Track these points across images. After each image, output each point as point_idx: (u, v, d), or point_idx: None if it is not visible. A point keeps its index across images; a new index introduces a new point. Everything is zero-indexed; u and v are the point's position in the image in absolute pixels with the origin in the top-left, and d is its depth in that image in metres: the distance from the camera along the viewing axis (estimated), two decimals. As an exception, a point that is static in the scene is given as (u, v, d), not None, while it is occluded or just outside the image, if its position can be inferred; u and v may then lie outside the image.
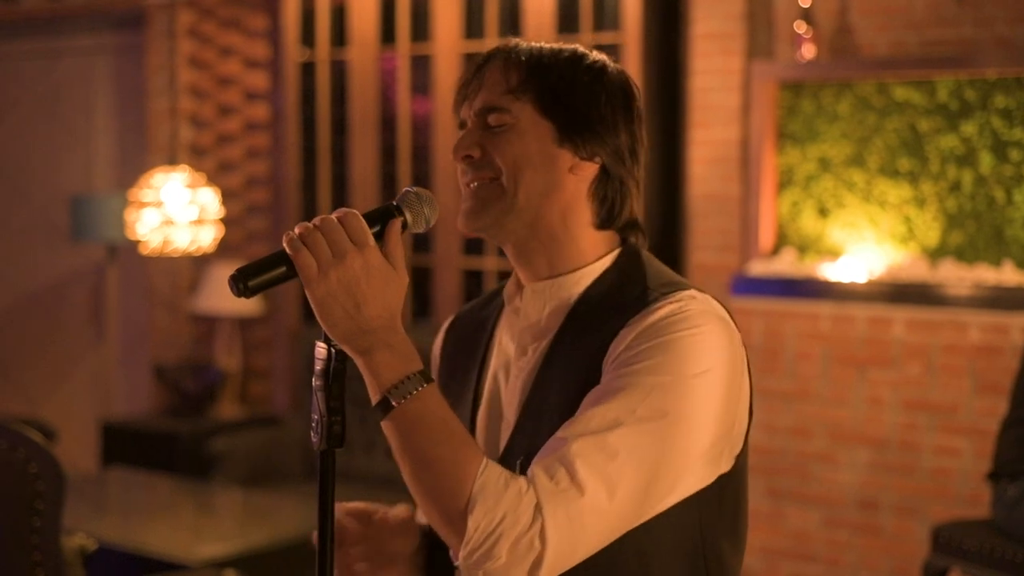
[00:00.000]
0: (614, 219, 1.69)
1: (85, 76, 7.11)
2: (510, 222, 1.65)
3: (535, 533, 1.42)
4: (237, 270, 1.46)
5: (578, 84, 1.65)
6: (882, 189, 4.95)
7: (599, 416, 1.49)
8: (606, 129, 1.65)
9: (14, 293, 7.38)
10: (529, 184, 1.63)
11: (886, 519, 4.86)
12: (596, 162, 1.65)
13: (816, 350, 4.96)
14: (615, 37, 5.26)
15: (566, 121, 1.64)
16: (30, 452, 3.36)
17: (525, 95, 1.64)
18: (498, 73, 1.66)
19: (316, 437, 1.50)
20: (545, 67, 1.65)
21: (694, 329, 1.55)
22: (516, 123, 1.64)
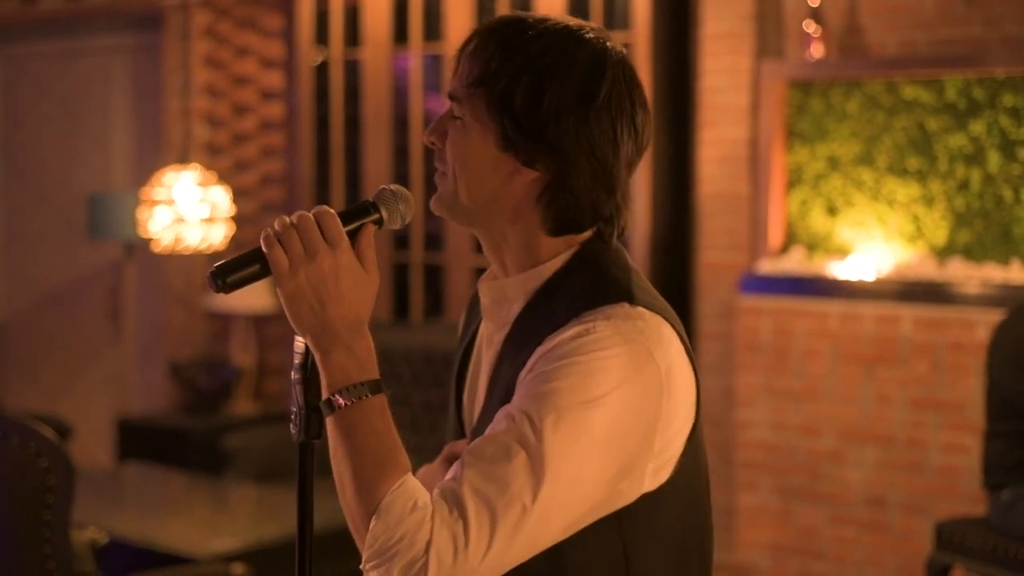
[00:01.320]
0: (568, 226, 1.60)
1: (103, 76, 7.17)
2: (458, 217, 1.64)
3: (424, 563, 1.40)
4: (216, 266, 1.50)
5: (529, 84, 1.55)
6: (891, 188, 4.96)
7: (496, 444, 1.46)
8: (555, 137, 1.55)
9: (34, 291, 7.45)
10: (471, 185, 1.59)
11: (893, 516, 4.88)
12: (537, 170, 1.57)
13: (824, 348, 4.98)
14: (625, 36, 5.29)
15: (509, 126, 1.55)
16: (41, 447, 3.41)
17: (479, 90, 1.57)
18: (469, 59, 1.59)
19: (295, 429, 1.53)
20: (504, 60, 1.56)
21: (595, 353, 1.48)
22: (466, 120, 1.58)
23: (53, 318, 7.37)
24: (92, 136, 7.21)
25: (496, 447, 1.45)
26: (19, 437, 3.40)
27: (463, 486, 1.43)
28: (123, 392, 6.67)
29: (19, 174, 7.51)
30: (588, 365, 1.47)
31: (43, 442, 3.41)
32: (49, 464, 3.43)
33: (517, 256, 1.62)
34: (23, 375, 7.47)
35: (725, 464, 5.23)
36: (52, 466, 3.43)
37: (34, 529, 3.45)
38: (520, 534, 1.44)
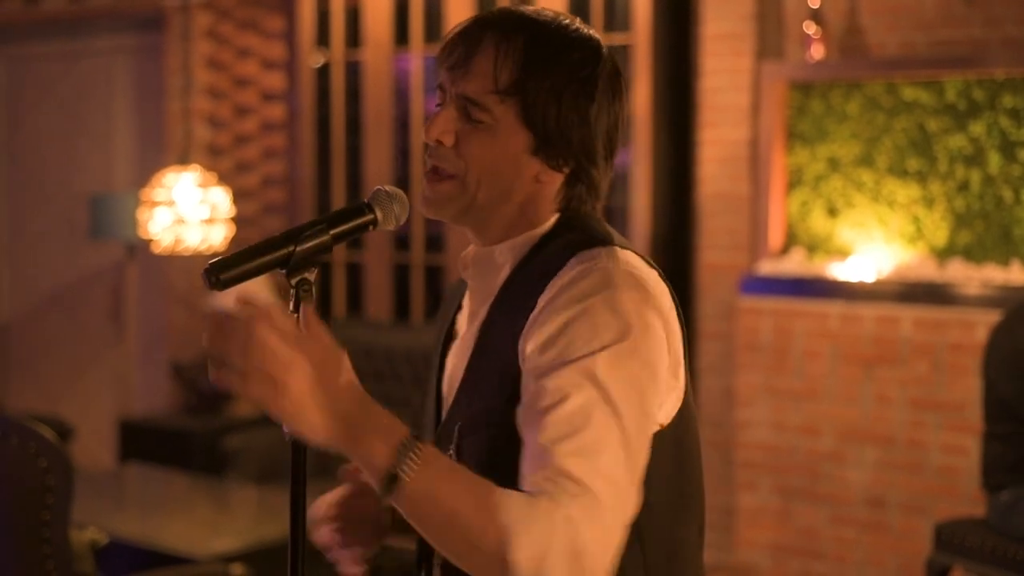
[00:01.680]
0: (576, 208, 1.67)
1: (105, 77, 7.19)
2: (467, 218, 1.67)
3: (576, 543, 1.39)
4: (211, 263, 1.51)
5: (567, 96, 1.60)
6: (891, 189, 4.97)
7: (563, 419, 1.46)
8: (585, 138, 1.61)
9: (35, 292, 7.46)
10: (492, 188, 1.62)
11: (893, 517, 4.88)
12: (563, 172, 1.64)
13: (824, 349, 4.98)
14: (625, 38, 5.29)
15: (546, 134, 1.60)
16: (40, 447, 3.42)
17: (510, 99, 1.59)
18: (489, 64, 1.59)
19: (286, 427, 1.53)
20: (538, 72, 1.59)
21: (608, 290, 1.52)
22: (495, 125, 1.60)
23: (55, 319, 7.38)
24: (94, 137, 7.22)
25: (566, 423, 1.45)
26: (18, 437, 3.41)
27: (565, 461, 1.42)
28: (125, 393, 6.67)
29: (21, 174, 7.53)
30: (607, 303, 1.51)
31: (42, 442, 3.42)
32: (48, 464, 3.43)
33: (513, 229, 1.67)
34: (25, 375, 7.48)
35: (725, 464, 5.23)
36: (51, 466, 3.44)
37: (33, 529, 3.45)
38: (630, 477, 1.46)
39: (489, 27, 1.62)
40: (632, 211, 5.32)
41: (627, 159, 5.36)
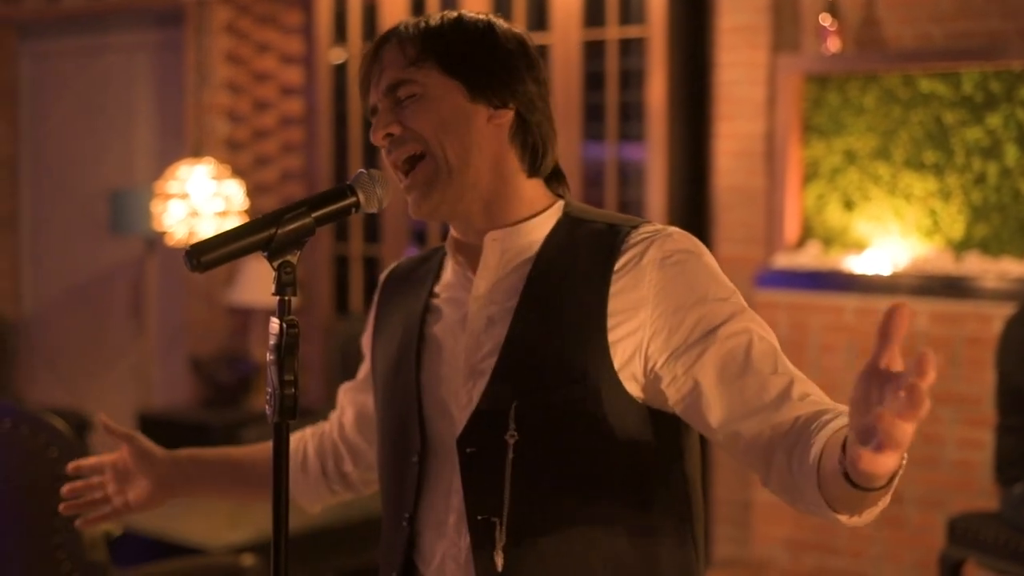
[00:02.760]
0: (540, 163, 1.73)
1: (126, 72, 7.22)
2: (455, 190, 1.69)
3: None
4: (191, 245, 1.51)
5: (473, 40, 1.69)
6: (907, 182, 4.94)
7: (779, 377, 1.63)
8: (511, 77, 1.69)
9: (57, 286, 7.50)
10: (455, 145, 1.67)
11: (910, 511, 4.85)
12: (511, 108, 1.69)
13: (841, 342, 4.96)
14: (641, 31, 5.28)
15: (472, 76, 1.68)
16: (50, 437, 3.43)
17: (426, 62, 1.68)
18: (395, 51, 1.70)
19: (270, 410, 1.54)
20: (437, 34, 1.69)
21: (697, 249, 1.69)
22: (425, 91, 1.68)
23: (76, 313, 7.42)
24: (115, 132, 7.25)
25: (766, 352, 1.66)
26: (29, 427, 3.43)
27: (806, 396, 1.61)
28: (145, 386, 6.70)
29: (44, 170, 7.57)
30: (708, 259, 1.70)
31: (52, 432, 3.43)
32: (59, 454, 3.45)
33: (507, 206, 1.72)
34: (47, 369, 7.52)
35: (741, 459, 5.21)
36: (62, 456, 3.45)
37: (44, 519, 3.47)
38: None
39: (388, 35, 1.74)
40: (647, 204, 5.31)
41: (642, 152, 5.35)
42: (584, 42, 5.40)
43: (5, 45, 7.52)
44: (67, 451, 3.45)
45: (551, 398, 1.61)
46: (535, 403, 1.62)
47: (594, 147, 5.48)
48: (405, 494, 1.75)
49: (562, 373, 1.61)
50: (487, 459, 1.64)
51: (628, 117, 5.39)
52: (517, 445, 1.62)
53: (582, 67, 5.40)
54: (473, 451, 1.65)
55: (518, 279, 1.69)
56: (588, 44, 5.41)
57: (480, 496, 1.65)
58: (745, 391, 1.58)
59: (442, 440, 1.71)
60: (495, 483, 1.63)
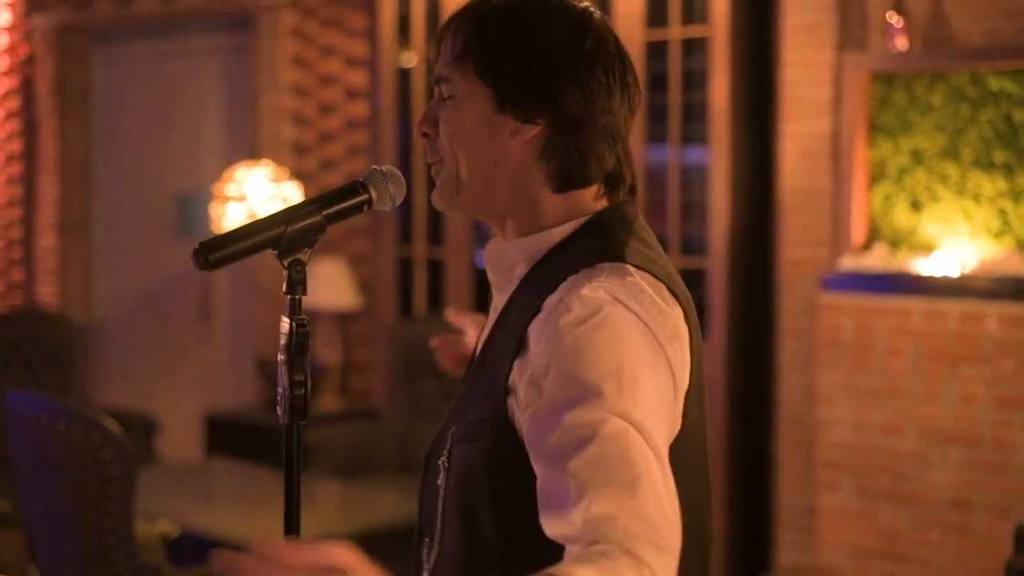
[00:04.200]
0: (573, 180, 1.57)
1: (195, 77, 7.28)
2: (463, 200, 1.62)
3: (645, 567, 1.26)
4: (200, 244, 1.50)
5: (515, 42, 1.55)
6: (976, 182, 4.83)
7: (586, 461, 1.34)
8: (550, 86, 1.54)
9: (128, 289, 7.58)
10: (469, 159, 1.58)
11: (978, 519, 4.75)
12: (538, 124, 1.55)
13: (907, 346, 4.86)
14: (704, 30, 5.22)
15: (503, 85, 1.55)
16: (103, 438, 3.46)
17: (466, 61, 1.57)
18: (450, 39, 1.59)
19: (281, 411, 1.52)
20: (484, 26, 1.56)
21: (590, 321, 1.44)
22: (457, 94, 1.58)
23: (146, 316, 7.50)
24: (184, 135, 7.32)
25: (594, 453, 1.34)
26: (82, 428, 3.46)
27: (600, 509, 1.29)
28: (213, 388, 6.75)
29: (115, 174, 7.66)
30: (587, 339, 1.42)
31: (106, 433, 3.46)
32: (112, 455, 3.48)
33: (521, 221, 1.61)
34: (117, 372, 7.60)
35: (807, 463, 5.14)
36: (114, 457, 3.48)
37: (97, 520, 3.50)
38: (666, 488, 1.34)
39: (452, 18, 1.62)
40: (711, 206, 5.25)
41: (705, 154, 5.29)
42: (647, 42, 5.36)
43: (78, 50, 7.61)
44: (120, 453, 3.48)
45: (468, 430, 1.55)
46: (464, 433, 1.56)
47: (657, 149, 5.43)
48: None
49: (480, 405, 1.55)
50: (430, 479, 1.64)
51: (691, 118, 5.34)
52: (446, 471, 1.58)
53: (645, 68, 5.35)
54: (427, 469, 1.66)
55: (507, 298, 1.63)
56: (651, 44, 5.36)
57: (424, 514, 1.66)
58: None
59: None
60: (432, 503, 1.62)
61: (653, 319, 1.47)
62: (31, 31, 7.63)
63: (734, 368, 5.30)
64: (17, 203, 7.77)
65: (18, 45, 7.69)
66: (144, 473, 5.41)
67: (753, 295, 5.38)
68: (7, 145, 7.78)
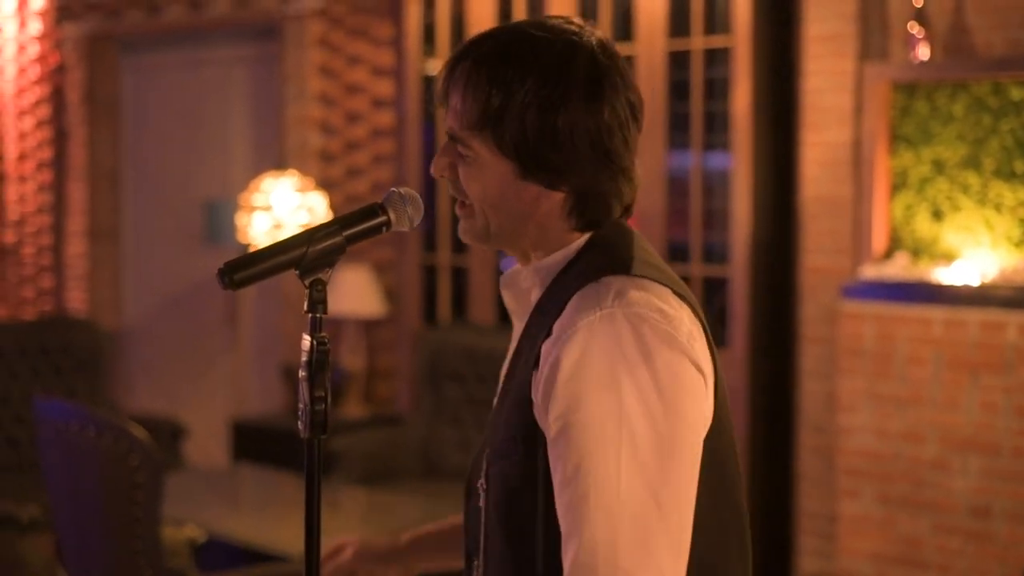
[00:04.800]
0: (595, 226, 1.64)
1: (224, 86, 7.36)
2: (491, 242, 1.68)
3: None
4: (225, 264, 1.55)
5: (532, 119, 1.57)
6: (998, 192, 4.85)
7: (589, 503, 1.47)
8: (568, 160, 1.58)
9: (156, 296, 7.66)
10: (500, 215, 1.62)
11: (999, 527, 4.77)
12: (562, 191, 1.61)
13: (928, 355, 4.88)
14: (726, 40, 5.26)
15: (524, 161, 1.59)
16: (131, 445, 3.52)
17: (483, 131, 1.59)
18: (459, 99, 1.61)
19: (302, 425, 1.57)
20: (501, 100, 1.57)
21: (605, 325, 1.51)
22: (477, 158, 1.61)
23: (173, 322, 7.57)
24: (212, 144, 7.39)
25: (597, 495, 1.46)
26: (111, 436, 3.52)
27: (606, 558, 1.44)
28: (239, 394, 6.82)
29: (144, 182, 7.74)
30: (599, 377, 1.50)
31: (133, 440, 3.52)
32: (139, 462, 3.53)
33: (537, 248, 1.66)
34: (145, 377, 7.68)
35: (828, 470, 5.16)
36: (142, 464, 3.54)
37: (125, 526, 3.55)
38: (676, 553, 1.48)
39: (462, 58, 1.62)
40: (733, 214, 5.28)
41: (728, 162, 5.33)
42: (669, 52, 5.39)
43: (108, 59, 7.70)
44: (147, 459, 3.54)
45: (500, 449, 1.61)
46: (497, 453, 1.62)
47: (679, 156, 5.47)
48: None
49: (509, 425, 1.60)
50: (472, 502, 1.69)
51: (713, 127, 5.37)
52: (485, 493, 1.63)
53: (667, 77, 5.39)
54: (467, 495, 1.71)
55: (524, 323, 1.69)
56: (673, 54, 5.40)
57: (470, 537, 1.70)
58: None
59: None
60: (476, 526, 1.67)
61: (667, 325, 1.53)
62: (61, 40, 7.72)
63: (756, 375, 5.33)
64: (47, 210, 7.86)
65: (49, 54, 7.78)
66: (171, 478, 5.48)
67: (775, 303, 5.41)
68: (38, 153, 7.87)
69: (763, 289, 5.35)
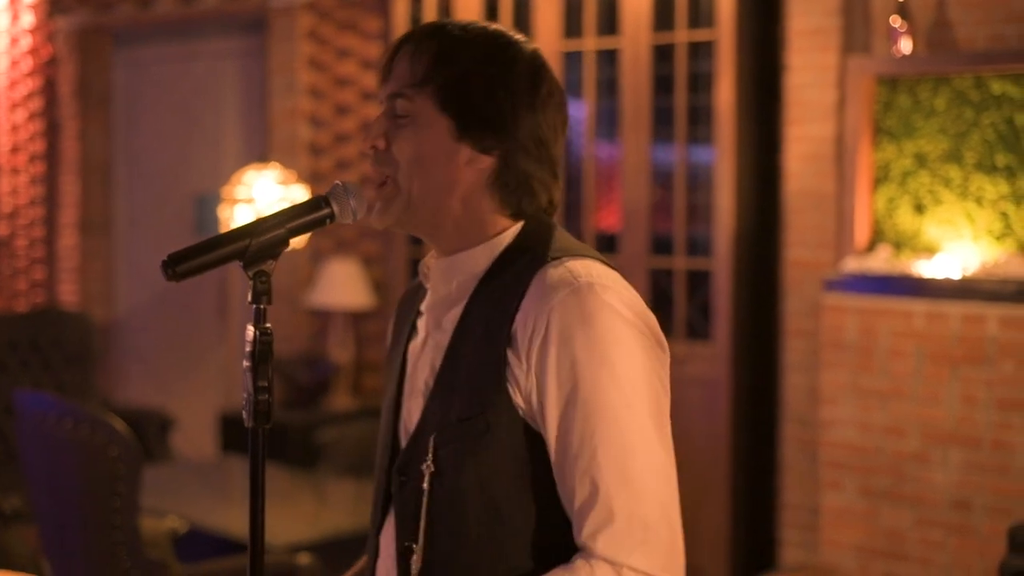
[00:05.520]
0: (520, 208, 1.70)
1: (214, 78, 7.38)
2: (411, 218, 1.70)
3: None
4: (168, 256, 1.57)
5: (478, 78, 1.66)
6: (979, 185, 4.87)
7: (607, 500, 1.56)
8: (505, 123, 1.66)
9: (148, 288, 7.68)
10: (425, 181, 1.67)
11: (979, 520, 4.79)
12: (493, 155, 1.67)
13: (910, 348, 4.90)
14: (709, 34, 5.27)
15: (464, 118, 1.65)
16: (110, 436, 3.54)
17: (427, 88, 1.66)
18: (407, 61, 1.68)
19: (246, 415, 1.59)
20: (448, 60, 1.66)
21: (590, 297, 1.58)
22: (416, 116, 1.66)
23: (165, 315, 7.60)
24: (203, 137, 7.41)
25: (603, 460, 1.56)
26: (89, 426, 3.54)
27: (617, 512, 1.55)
28: (230, 387, 6.84)
29: (136, 174, 7.76)
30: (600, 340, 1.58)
31: (112, 431, 3.54)
32: (118, 453, 3.55)
33: (468, 235, 1.70)
34: (137, 370, 7.71)
35: (811, 463, 5.19)
36: (121, 455, 3.56)
37: (104, 517, 3.57)
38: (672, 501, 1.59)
39: (409, 38, 1.70)
40: (717, 208, 5.30)
41: (711, 155, 5.34)
42: (653, 45, 5.41)
43: (100, 52, 7.72)
44: (126, 451, 3.56)
45: (458, 430, 1.64)
46: (446, 435, 1.65)
47: (663, 150, 5.49)
48: (376, 511, 1.81)
49: (469, 406, 1.63)
50: (411, 487, 1.69)
51: (697, 120, 5.39)
52: (432, 476, 1.65)
53: (651, 70, 5.41)
54: (403, 479, 1.71)
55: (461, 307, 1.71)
56: (657, 47, 5.41)
57: (404, 522, 1.71)
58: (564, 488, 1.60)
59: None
60: (415, 510, 1.68)
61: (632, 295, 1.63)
62: (53, 33, 7.74)
63: (739, 368, 5.35)
64: (39, 202, 7.88)
65: (41, 47, 7.80)
66: (158, 470, 5.51)
67: (758, 296, 5.43)
68: (30, 145, 7.89)
69: (746, 282, 5.37)
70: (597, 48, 5.57)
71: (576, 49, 5.63)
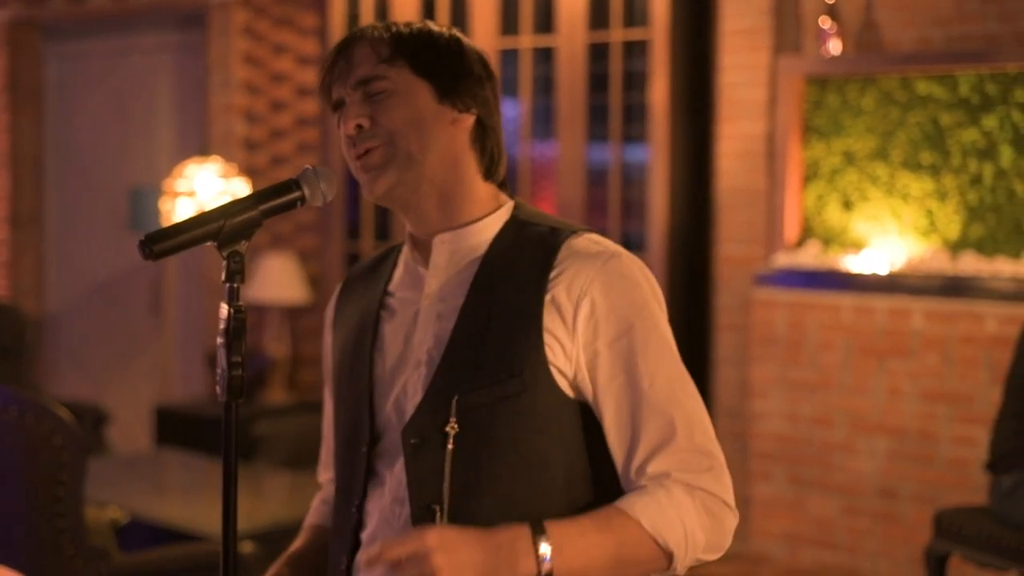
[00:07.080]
0: (496, 168, 1.82)
1: (148, 73, 7.36)
2: (411, 178, 1.75)
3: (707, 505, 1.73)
4: (146, 235, 1.62)
5: (441, 47, 1.77)
6: (905, 182, 5.01)
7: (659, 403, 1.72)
8: (475, 83, 1.78)
9: (81, 282, 7.65)
10: (420, 141, 1.74)
11: (905, 507, 4.92)
12: (473, 113, 1.77)
13: (838, 341, 5.03)
14: (644, 33, 5.37)
15: (441, 79, 1.75)
16: (54, 425, 3.55)
17: (398, 61, 1.74)
18: (367, 49, 1.75)
19: (220, 390, 1.64)
20: (408, 37, 1.76)
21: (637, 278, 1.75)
22: (396, 88, 1.74)
23: (98, 309, 7.57)
24: (137, 131, 7.40)
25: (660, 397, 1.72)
26: (33, 415, 3.54)
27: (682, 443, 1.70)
28: (164, 381, 6.84)
29: (68, 168, 7.72)
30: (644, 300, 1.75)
31: (57, 420, 3.55)
32: (63, 442, 3.56)
33: (460, 207, 1.79)
34: (69, 364, 7.67)
35: (741, 454, 5.30)
36: (66, 444, 3.57)
37: (48, 505, 3.58)
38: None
39: (360, 34, 1.79)
40: (650, 205, 5.39)
41: (645, 153, 5.44)
42: (589, 44, 5.50)
43: (30, 46, 7.67)
44: (70, 439, 3.57)
45: (489, 392, 1.71)
46: (474, 396, 1.71)
47: (598, 148, 5.58)
48: (355, 483, 1.84)
49: (500, 368, 1.70)
50: (429, 449, 1.74)
51: (631, 118, 5.48)
52: (457, 436, 1.71)
53: (586, 69, 5.50)
54: (417, 442, 1.75)
55: (467, 278, 1.77)
56: (593, 46, 5.50)
57: (423, 484, 1.74)
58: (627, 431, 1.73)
59: (391, 431, 1.80)
60: (436, 472, 1.73)
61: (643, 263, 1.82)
62: (-16, 26, 7.69)
63: (672, 362, 5.44)
64: (-31, 197, 7.82)
65: (-29, 40, 7.74)
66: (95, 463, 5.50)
67: (690, 291, 5.53)
68: (-41, 139, 7.83)
69: (679, 278, 5.47)
70: (533, 46, 5.65)
71: (512, 47, 5.70)
